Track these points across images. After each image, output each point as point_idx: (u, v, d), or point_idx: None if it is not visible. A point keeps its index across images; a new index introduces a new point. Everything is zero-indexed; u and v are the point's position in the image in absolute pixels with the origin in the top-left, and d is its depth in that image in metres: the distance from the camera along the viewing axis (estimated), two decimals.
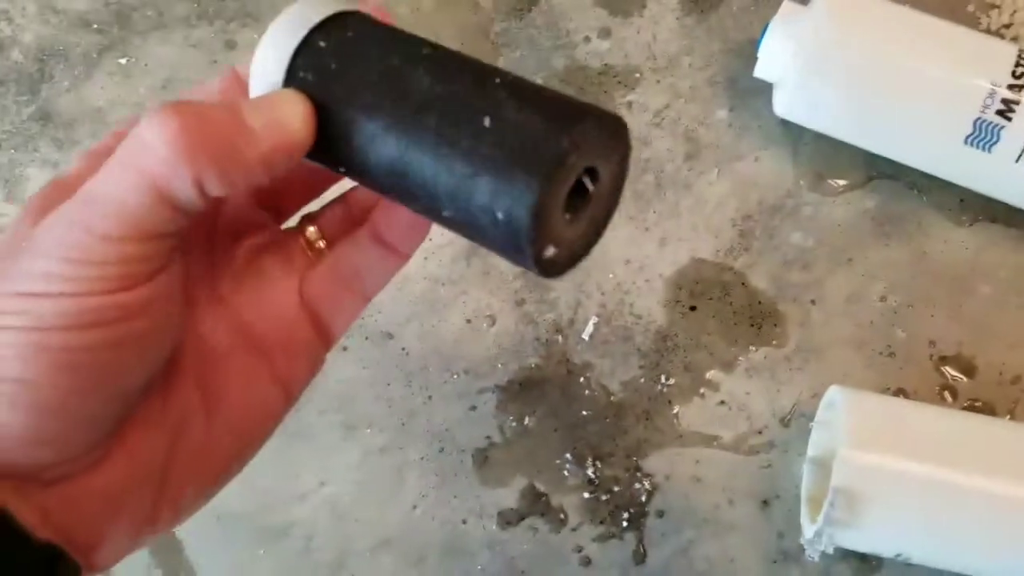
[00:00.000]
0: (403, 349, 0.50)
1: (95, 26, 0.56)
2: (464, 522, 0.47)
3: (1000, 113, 0.45)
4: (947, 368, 0.47)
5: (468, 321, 0.50)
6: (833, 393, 0.44)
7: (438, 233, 0.51)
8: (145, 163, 0.24)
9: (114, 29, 0.56)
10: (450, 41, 0.55)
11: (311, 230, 0.32)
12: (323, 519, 0.48)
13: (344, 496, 0.48)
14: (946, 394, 0.47)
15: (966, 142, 0.46)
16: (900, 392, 0.47)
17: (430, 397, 0.49)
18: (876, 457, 0.41)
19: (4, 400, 0.24)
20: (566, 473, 0.47)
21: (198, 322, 0.30)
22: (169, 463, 0.28)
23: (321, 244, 0.32)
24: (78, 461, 0.26)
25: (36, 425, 0.24)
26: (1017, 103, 0.45)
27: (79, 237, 0.24)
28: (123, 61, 0.56)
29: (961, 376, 0.47)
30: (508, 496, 0.47)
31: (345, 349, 0.50)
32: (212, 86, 0.30)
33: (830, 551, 0.42)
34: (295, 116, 0.26)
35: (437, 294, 0.50)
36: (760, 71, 0.49)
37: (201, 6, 0.56)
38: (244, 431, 0.30)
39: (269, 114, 0.26)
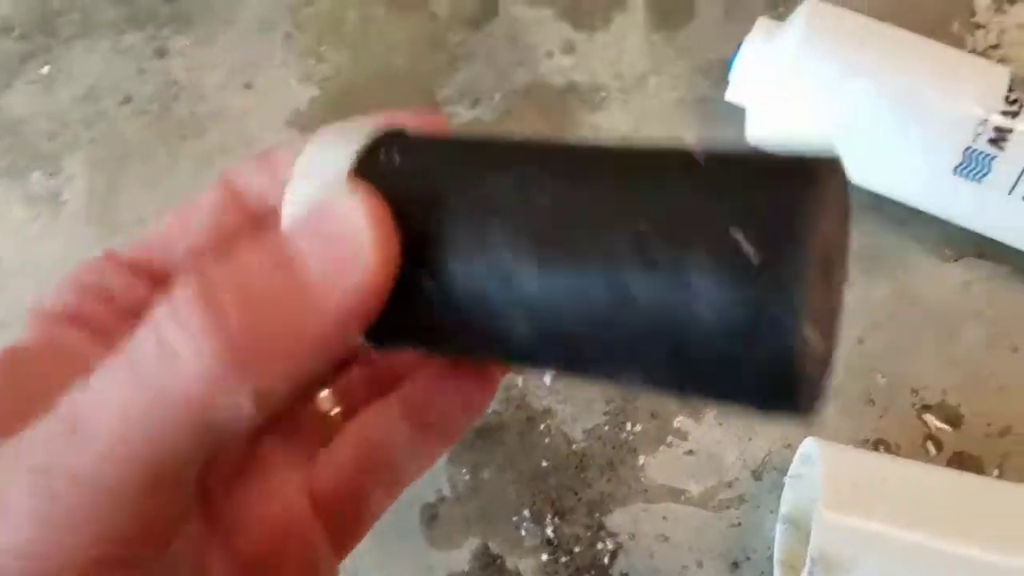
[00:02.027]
0: None
1: (16, 32, 0.52)
2: None
3: (992, 142, 0.42)
4: (931, 417, 0.44)
5: None
6: (809, 446, 0.41)
7: None
8: (172, 382, 0.16)
9: (37, 36, 0.52)
10: (403, 53, 0.50)
11: (323, 395, 0.24)
12: None
13: None
14: (930, 445, 0.44)
15: (955, 172, 0.42)
16: (880, 443, 0.44)
17: None
18: (857, 521, 0.37)
19: None
20: (523, 532, 0.44)
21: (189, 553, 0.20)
22: None
23: (336, 412, 0.24)
24: None
25: None
26: (1010, 131, 0.41)
27: (60, 490, 0.16)
28: (45, 70, 0.51)
29: (945, 426, 0.44)
30: (459, 559, 0.43)
31: None
32: (201, 209, 0.22)
33: None
34: (371, 238, 0.17)
35: None
36: (732, 94, 0.46)
37: (131, 10, 0.52)
38: None
39: (332, 248, 0.17)
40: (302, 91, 0.50)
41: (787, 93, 0.44)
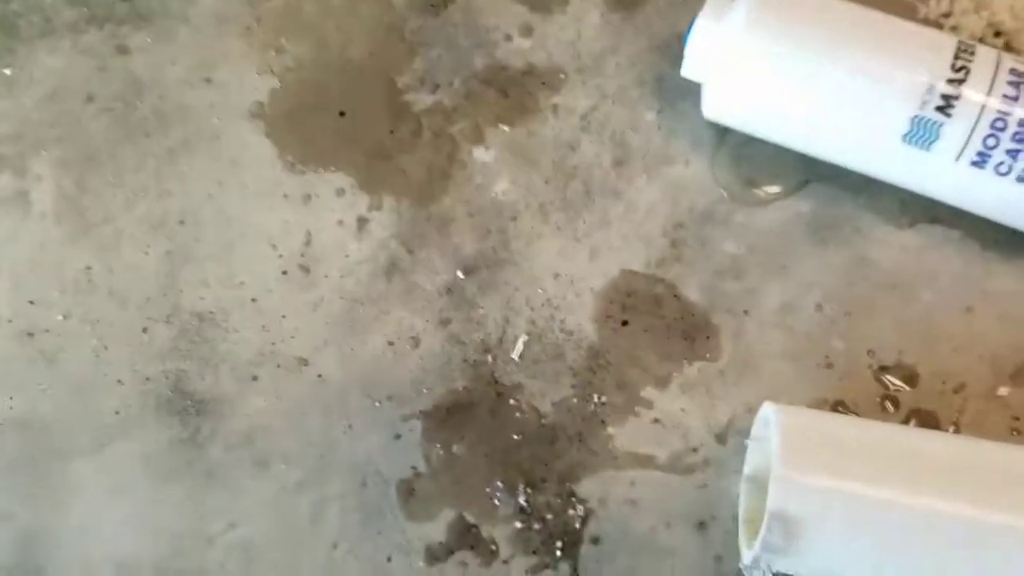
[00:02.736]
0: (319, 376, 0.47)
1: None
2: (389, 560, 0.45)
3: (939, 109, 0.43)
4: (888, 377, 0.45)
5: (390, 343, 0.47)
6: (767, 410, 0.42)
7: (355, 247, 0.48)
8: None
9: None
10: (362, 41, 0.51)
11: None
12: (234, 564, 0.45)
13: (257, 538, 0.45)
14: (887, 404, 0.45)
15: (904, 140, 0.43)
16: (839, 404, 0.45)
17: (350, 427, 0.46)
18: (811, 478, 0.39)
19: None
20: (496, 502, 0.45)
21: None
22: None
23: None
24: None
25: None
26: (957, 98, 0.42)
27: None
28: (8, 72, 0.51)
29: (903, 385, 0.45)
30: (436, 530, 0.45)
31: (255, 379, 0.46)
32: None
33: None
34: None
35: (355, 315, 0.47)
36: (687, 70, 0.47)
37: (90, 9, 0.52)
38: None
39: None
40: (263, 83, 0.51)
41: (740, 68, 0.44)
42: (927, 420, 0.45)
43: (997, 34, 0.49)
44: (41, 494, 0.45)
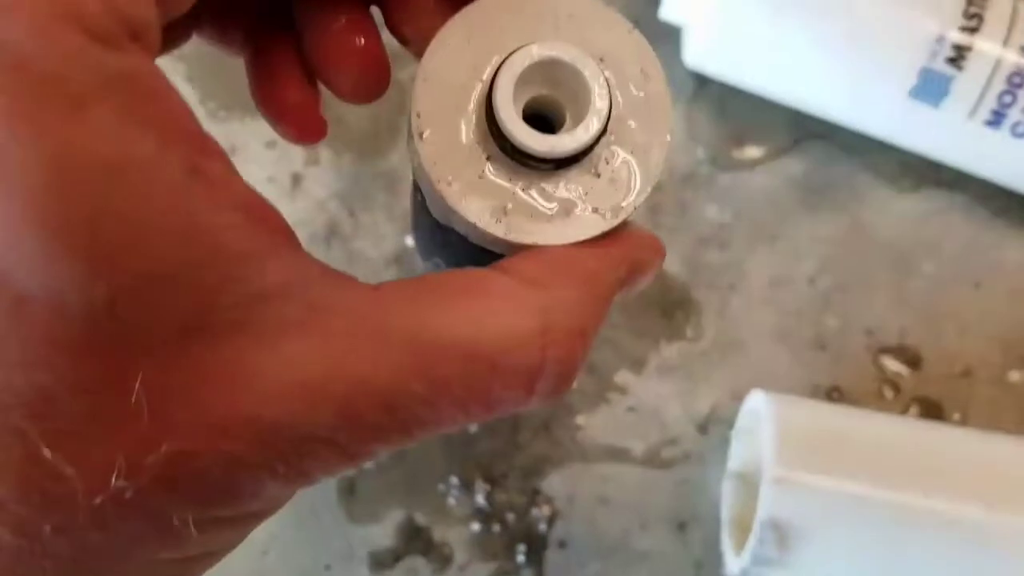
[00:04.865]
0: None
1: None
2: (328, 568, 0.39)
3: (951, 61, 0.38)
4: (887, 360, 0.41)
5: None
6: (756, 400, 0.38)
7: (288, 208, 0.42)
8: None
9: None
10: None
11: None
12: None
13: None
14: (887, 390, 0.41)
15: (910, 95, 0.39)
16: (834, 390, 0.41)
17: None
18: (810, 479, 0.34)
19: None
20: (452, 501, 0.40)
21: None
22: None
23: None
24: None
25: None
26: (969, 49, 0.38)
27: None
28: None
29: (904, 369, 0.41)
30: (381, 533, 0.40)
31: None
32: None
33: None
34: None
35: None
36: (666, 12, 0.41)
37: None
38: None
39: None
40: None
41: (726, 10, 0.39)
42: (931, 408, 0.40)
43: None
44: None
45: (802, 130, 0.43)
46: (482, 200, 0.20)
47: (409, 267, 0.42)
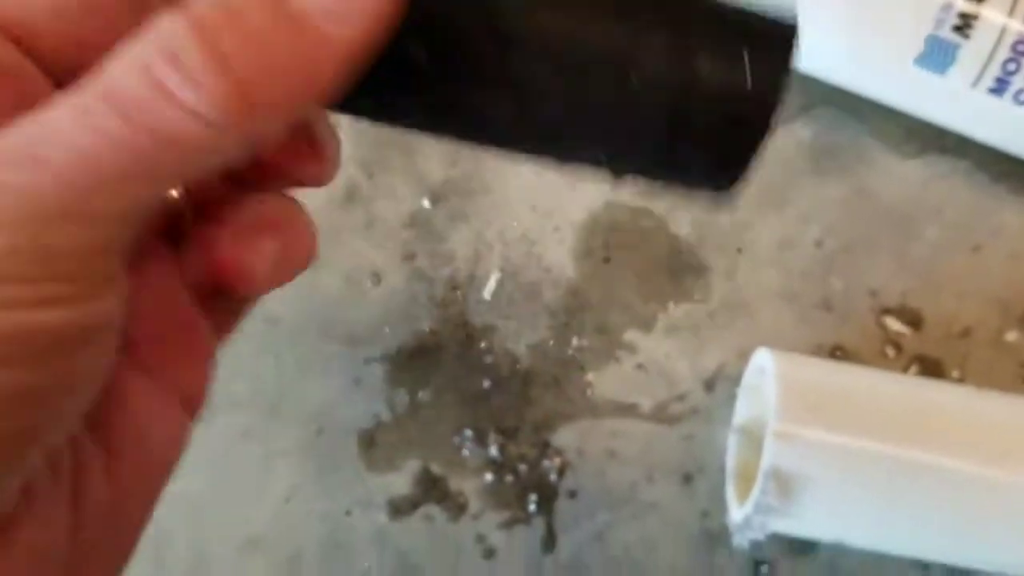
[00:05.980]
0: (269, 315, 0.42)
1: None
2: (348, 514, 0.41)
3: (957, 29, 0.38)
4: (890, 320, 0.42)
5: (348, 279, 0.43)
6: (762, 357, 0.39)
7: None
8: (164, 122, 0.16)
9: None
10: None
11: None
12: (178, 519, 0.41)
13: (202, 491, 0.41)
14: (889, 349, 0.42)
15: (916, 63, 0.39)
16: (838, 349, 0.42)
17: (305, 371, 0.42)
18: (811, 433, 0.36)
19: None
20: (466, 453, 0.41)
21: None
22: (74, 545, 0.18)
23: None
24: None
25: None
26: (976, 18, 0.38)
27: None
28: None
29: (906, 329, 0.42)
30: (399, 482, 0.41)
31: None
32: None
33: (761, 538, 0.37)
34: None
35: None
36: None
37: None
38: (152, 473, 0.21)
39: None
40: None
41: None
42: (931, 367, 0.42)
43: None
44: None
45: (810, 96, 0.44)
46: None
47: (426, 229, 0.43)
